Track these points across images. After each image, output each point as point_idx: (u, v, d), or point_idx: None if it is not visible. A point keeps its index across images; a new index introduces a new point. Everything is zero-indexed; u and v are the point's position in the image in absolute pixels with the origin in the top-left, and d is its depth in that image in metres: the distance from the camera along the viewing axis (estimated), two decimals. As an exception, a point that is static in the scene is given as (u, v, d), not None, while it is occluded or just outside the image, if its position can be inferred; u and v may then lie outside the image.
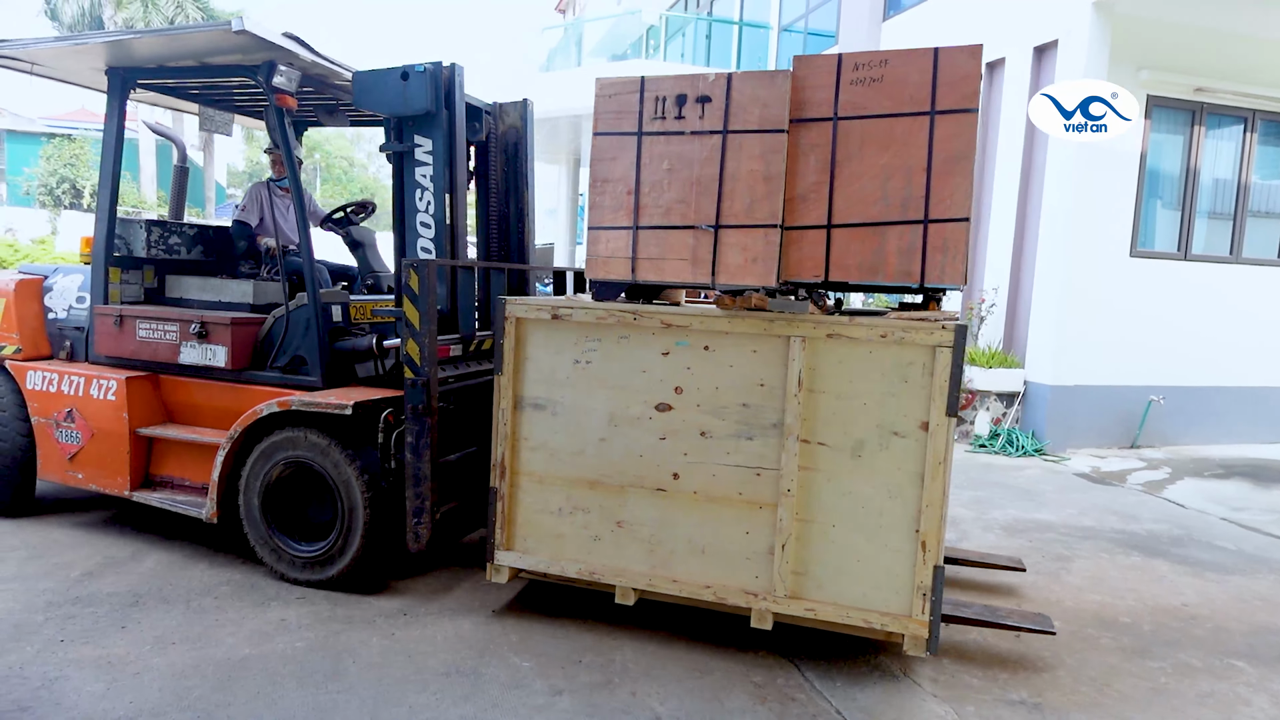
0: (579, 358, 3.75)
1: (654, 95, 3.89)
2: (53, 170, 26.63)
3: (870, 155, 3.63)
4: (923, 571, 3.28)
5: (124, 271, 4.94)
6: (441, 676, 3.30)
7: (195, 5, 27.94)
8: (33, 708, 2.94)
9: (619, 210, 3.89)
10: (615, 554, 3.74)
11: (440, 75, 4.20)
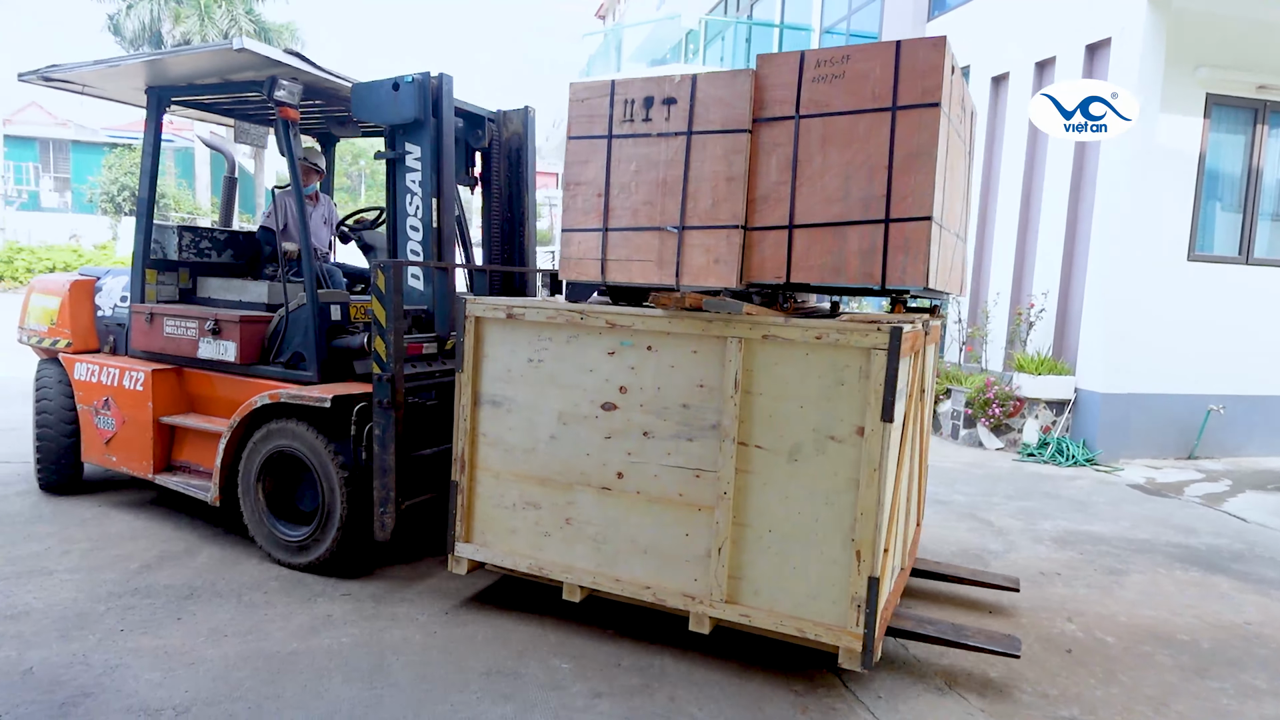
0: (532, 356, 3.80)
1: (623, 98, 3.91)
2: (114, 179, 27.55)
3: (832, 154, 3.54)
4: (857, 582, 3.15)
5: (160, 273, 5.29)
6: (482, 676, 3.33)
7: (248, 18, 28.71)
8: (95, 694, 3.04)
9: (590, 212, 3.93)
10: (564, 551, 3.76)
11: (428, 85, 4.36)
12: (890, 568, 3.43)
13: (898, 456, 3.39)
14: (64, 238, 27.51)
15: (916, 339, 3.47)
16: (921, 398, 4.00)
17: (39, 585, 3.95)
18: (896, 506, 3.38)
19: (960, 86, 3.70)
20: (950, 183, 3.63)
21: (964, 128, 3.92)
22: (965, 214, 4.27)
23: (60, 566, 4.19)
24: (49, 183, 30.01)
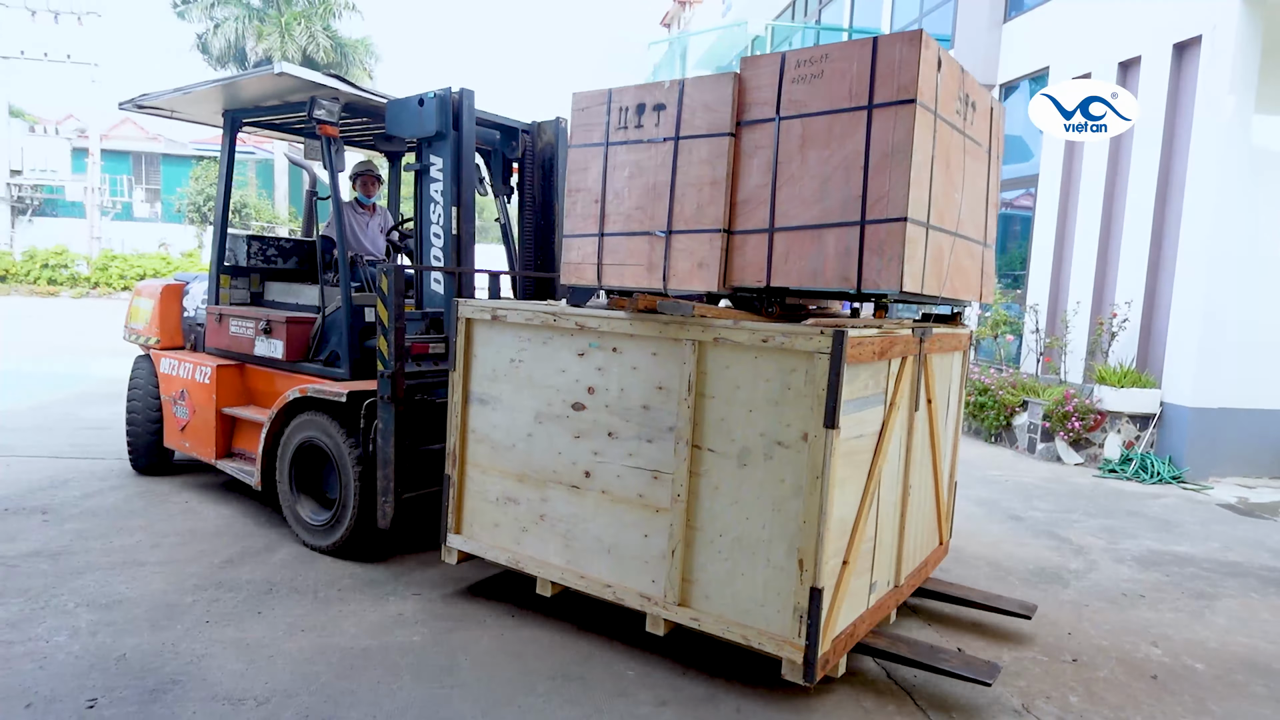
0: (514, 356, 3.90)
1: (618, 106, 3.96)
2: (200, 189, 28.83)
3: (811, 155, 3.46)
4: (800, 592, 3.05)
5: (233, 279, 5.75)
6: (548, 680, 3.36)
7: (325, 35, 29.72)
8: (183, 681, 3.17)
9: (587, 218, 3.99)
10: (538, 546, 3.84)
11: (449, 100, 4.60)
12: (859, 582, 3.35)
13: (870, 467, 3.31)
14: (153, 246, 28.89)
15: (887, 345, 3.31)
16: (929, 406, 3.88)
17: (131, 576, 4.14)
18: (863, 518, 3.27)
19: (959, 82, 3.57)
20: (947, 183, 3.52)
21: (975, 126, 3.78)
22: (989, 217, 4.12)
23: (151, 559, 4.39)
24: (140, 194, 31.55)
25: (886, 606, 3.70)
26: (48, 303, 22.34)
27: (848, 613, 3.30)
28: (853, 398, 3.10)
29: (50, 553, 4.39)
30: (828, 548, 3.03)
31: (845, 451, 3.09)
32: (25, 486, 5.55)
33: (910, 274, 3.22)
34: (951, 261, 3.67)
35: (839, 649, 3.23)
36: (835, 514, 3.07)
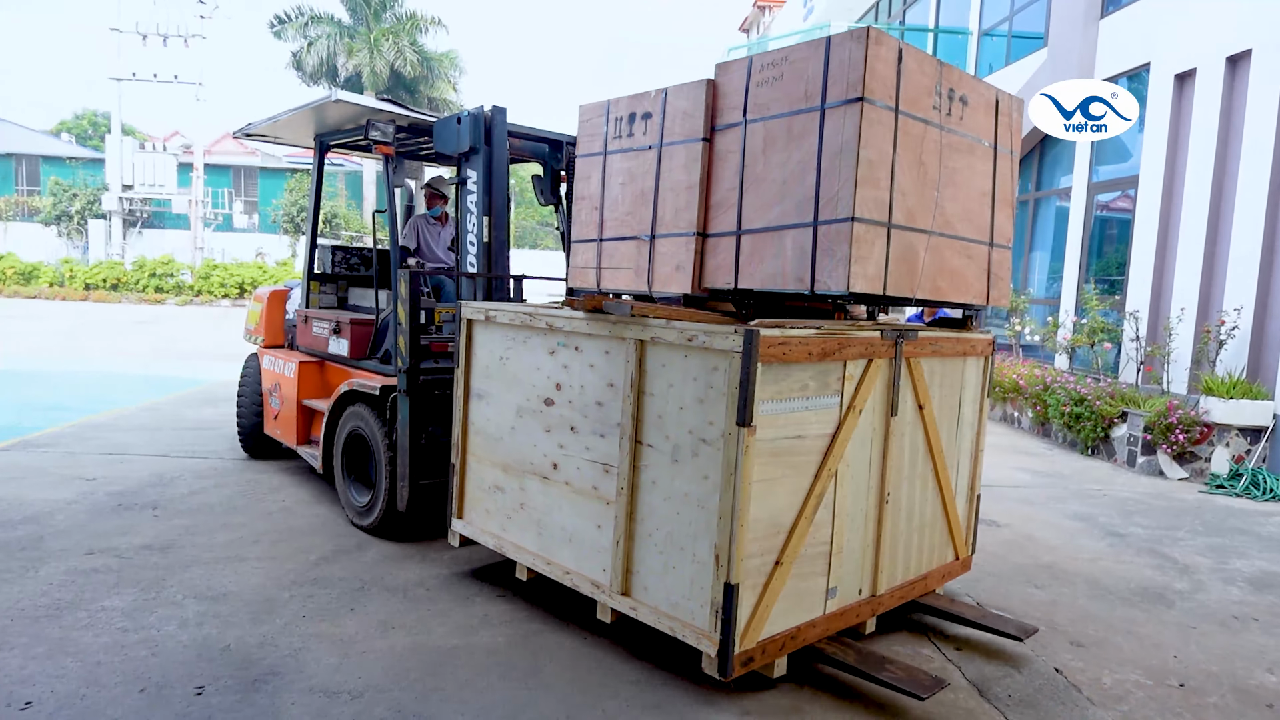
0: (502, 355, 4.10)
1: (614, 116, 4.11)
2: (294, 201, 30.11)
3: (773, 157, 3.48)
4: (716, 587, 3.10)
5: (321, 285, 6.36)
6: (631, 685, 3.37)
7: (412, 49, 30.66)
8: (282, 673, 3.31)
9: (589, 224, 4.19)
10: (518, 533, 4.04)
11: (481, 117, 4.91)
12: (807, 585, 3.36)
13: (818, 469, 3.29)
14: (251, 255, 30.30)
15: (834, 346, 3.27)
16: (921, 413, 3.82)
17: (234, 570, 4.34)
18: (804, 520, 3.26)
19: (936, 78, 3.51)
20: (920, 181, 3.48)
21: (968, 122, 3.71)
22: (997, 215, 3.98)
23: (251, 554, 4.59)
24: (240, 206, 33.15)
25: (857, 615, 3.65)
26: (155, 309, 23.67)
27: (789, 615, 3.31)
28: (782, 397, 3.13)
29: (160, 546, 4.65)
30: (744, 545, 3.05)
31: (772, 451, 3.12)
32: (137, 483, 5.89)
33: (860, 275, 3.22)
34: (931, 262, 3.61)
35: (771, 649, 3.24)
36: (758, 513, 3.10)
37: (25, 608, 3.77)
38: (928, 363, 3.84)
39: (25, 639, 3.47)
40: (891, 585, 3.85)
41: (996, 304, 4.10)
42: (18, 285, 26.19)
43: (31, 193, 31.30)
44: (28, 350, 13.29)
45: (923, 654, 3.79)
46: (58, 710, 2.96)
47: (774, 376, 3.08)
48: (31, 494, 5.49)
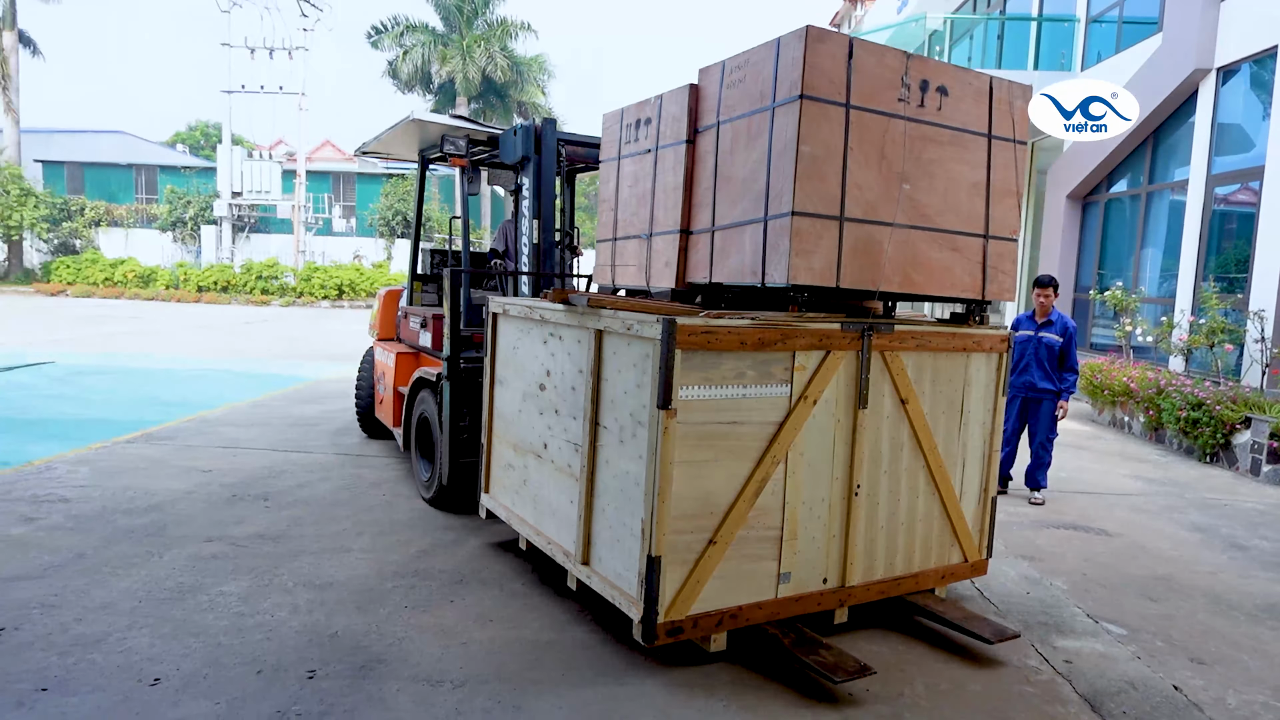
0: (514, 344, 4.45)
1: (626, 122, 4.41)
2: (389, 205, 31.14)
3: (736, 156, 3.63)
4: (642, 560, 3.29)
5: (424, 285, 6.96)
6: (727, 685, 3.35)
7: (503, 55, 31.31)
8: (387, 661, 3.42)
9: (607, 225, 4.52)
10: (522, 506, 4.41)
11: (532, 130, 5.40)
12: (754, 568, 3.47)
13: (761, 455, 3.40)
14: (349, 258, 31.50)
15: (774, 336, 3.37)
16: (905, 408, 3.82)
17: (340, 561, 4.52)
18: (743, 503, 3.40)
19: (900, 70, 3.56)
20: (882, 174, 3.53)
21: (949, 113, 3.72)
22: (994, 206, 3.92)
23: (355, 546, 4.77)
24: (338, 210, 34.52)
25: (819, 603, 3.70)
26: (261, 310, 24.88)
27: (729, 593, 3.44)
28: (712, 383, 3.28)
29: (272, 536, 4.87)
30: (665, 521, 3.24)
31: (701, 434, 3.29)
32: (249, 475, 6.20)
33: (804, 267, 3.36)
34: (900, 255, 3.65)
35: (705, 623, 3.38)
36: (687, 492, 3.27)
37: (153, 590, 4.02)
38: (913, 357, 3.83)
39: (153, 620, 3.70)
40: (868, 579, 3.84)
41: (996, 298, 4.02)
42: (138, 288, 27.97)
43: (150, 201, 33.36)
44: (149, 348, 14.17)
45: (1029, 665, 3.64)
46: (184, 687, 3.14)
47: (701, 363, 3.25)
48: (155, 484, 5.85)
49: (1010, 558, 5.14)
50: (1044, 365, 6.37)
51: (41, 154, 33.35)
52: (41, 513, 5.11)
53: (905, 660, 3.65)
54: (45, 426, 7.63)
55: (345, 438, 7.62)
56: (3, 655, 3.32)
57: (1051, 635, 3.99)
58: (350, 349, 15.01)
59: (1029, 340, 6.41)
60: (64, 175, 33.17)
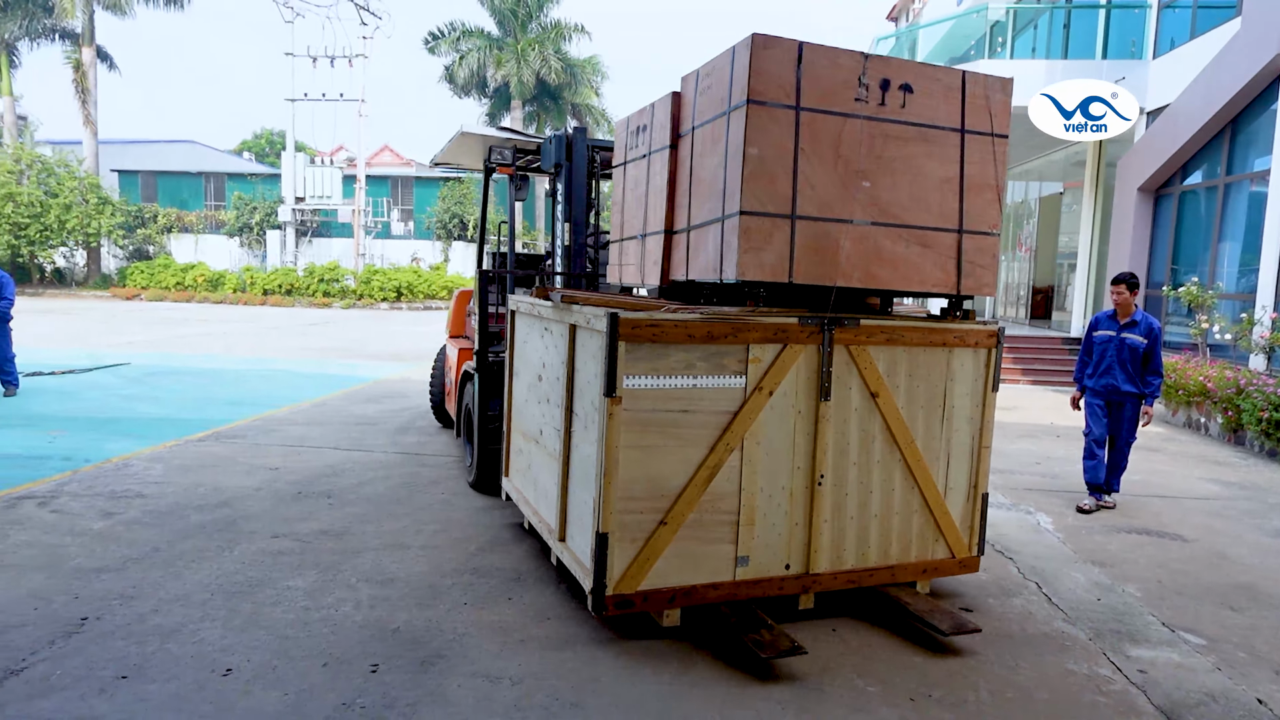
0: (524, 339, 4.76)
1: (630, 129, 4.73)
2: (446, 208, 31.67)
3: (704, 160, 3.83)
4: (592, 535, 3.55)
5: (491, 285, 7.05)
6: (785, 686, 3.31)
7: (556, 57, 31.55)
8: (447, 656, 3.47)
9: (616, 227, 4.87)
10: (526, 489, 4.73)
11: (564, 138, 5.80)
12: (710, 550, 3.64)
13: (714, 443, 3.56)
14: (406, 260, 32.12)
15: (725, 330, 3.53)
16: (875, 401, 3.89)
17: (400, 558, 4.60)
18: (695, 488, 3.57)
19: (857, 71, 3.67)
20: (839, 172, 3.65)
21: (914, 109, 3.78)
22: (968, 202, 3.93)
23: (414, 543, 4.85)
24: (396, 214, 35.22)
25: (780, 587, 3.80)
26: (323, 312, 25.53)
27: (682, 573, 3.62)
28: (660, 373, 3.49)
29: (335, 533, 4.99)
30: (611, 501, 3.47)
31: (649, 421, 3.50)
32: (313, 473, 6.36)
33: (754, 264, 3.53)
34: (859, 250, 3.73)
35: (656, 599, 3.58)
36: (635, 475, 3.49)
37: (223, 583, 4.15)
38: (884, 351, 3.88)
39: (224, 612, 3.81)
40: (836, 568, 3.91)
41: (973, 293, 4.02)
42: (206, 291, 28.96)
43: (218, 207, 34.52)
44: (218, 349, 14.65)
45: (1100, 674, 3.52)
46: (254, 678, 3.23)
47: (647, 354, 3.45)
48: (224, 481, 6.04)
49: (1080, 563, 4.97)
50: (1127, 367, 6.07)
51: (118, 164, 34.77)
52: (120, 508, 5.31)
53: (869, 646, 3.56)
54: (122, 425, 7.95)
55: (404, 436, 7.77)
56: (87, 643, 3.47)
57: (1124, 644, 3.85)
58: (408, 350, 15.30)
59: (1110, 341, 6.12)
60: (138, 184, 34.52)
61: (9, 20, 29.54)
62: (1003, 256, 20.17)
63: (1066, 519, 5.90)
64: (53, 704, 3.00)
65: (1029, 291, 18.32)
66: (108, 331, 17.12)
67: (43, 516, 5.09)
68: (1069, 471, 7.32)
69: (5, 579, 4.11)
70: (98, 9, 29.96)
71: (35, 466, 6.25)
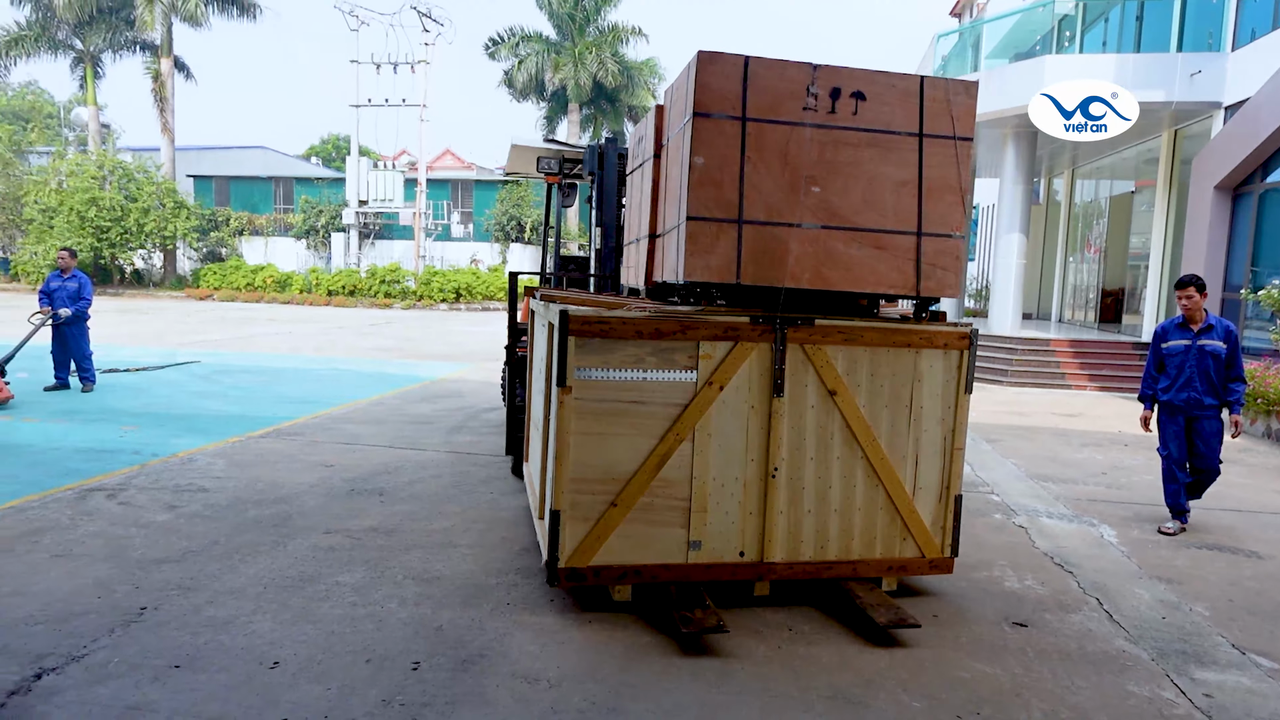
0: (537, 335, 5.03)
1: (635, 138, 5.12)
2: (504, 211, 32.07)
3: (672, 169, 4.11)
4: (547, 513, 3.90)
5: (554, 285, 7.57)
6: (826, 699, 3.25)
7: (614, 60, 31.68)
8: (488, 656, 3.49)
9: (626, 232, 5.32)
10: (533, 473, 5.02)
11: (597, 148, 6.38)
12: (661, 533, 3.89)
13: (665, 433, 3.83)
14: (465, 261, 32.62)
15: (673, 326, 3.80)
16: (834, 399, 4.00)
17: (447, 556, 4.65)
18: (646, 474, 3.83)
19: (805, 83, 3.82)
20: (784, 178, 3.80)
21: (868, 116, 3.89)
22: (928, 204, 3.97)
23: (462, 542, 4.90)
24: (456, 216, 35.79)
25: (733, 573, 4.00)
26: (385, 313, 26.10)
27: (633, 553, 3.88)
28: (610, 366, 3.77)
29: (385, 530, 5.08)
30: (561, 481, 3.79)
31: (599, 410, 3.79)
32: (367, 470, 6.49)
33: (701, 266, 3.78)
34: (810, 253, 3.86)
35: (607, 575, 3.88)
36: (586, 459, 3.78)
37: (276, 578, 4.25)
38: (842, 351, 3.99)
39: (275, 606, 3.91)
40: (792, 559, 4.04)
41: (934, 294, 4.05)
42: (275, 292, 29.88)
43: (287, 210, 35.57)
44: (283, 348, 15.10)
45: (1163, 696, 3.36)
46: (300, 672, 3.30)
47: (597, 349, 3.75)
48: (282, 477, 6.20)
49: (1145, 579, 4.76)
50: (1209, 377, 5.59)
51: (193, 169, 36.13)
52: (183, 501, 5.50)
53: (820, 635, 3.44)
54: (189, 421, 8.24)
55: (457, 436, 7.87)
56: (145, 632, 3.59)
57: (1190, 665, 3.67)
58: (465, 350, 15.53)
59: (1187, 351, 5.64)
60: (212, 188, 35.79)
61: (94, 34, 30.97)
62: (1071, 259, 19.53)
63: (1132, 532, 5.66)
64: (109, 690, 3.11)
65: (1098, 294, 17.67)
66: (180, 331, 17.79)
67: (111, 508, 5.30)
68: (1136, 483, 7.03)
69: (74, 567, 4.29)
70: (175, 21, 31.17)
71: (107, 460, 6.52)
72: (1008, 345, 14.27)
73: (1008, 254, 14.80)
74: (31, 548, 4.55)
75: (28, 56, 31.19)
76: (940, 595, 4.36)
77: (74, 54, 31.89)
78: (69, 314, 9.45)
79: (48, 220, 29.02)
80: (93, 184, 29.50)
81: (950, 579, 4.48)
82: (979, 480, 6.91)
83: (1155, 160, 14.82)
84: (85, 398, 9.33)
